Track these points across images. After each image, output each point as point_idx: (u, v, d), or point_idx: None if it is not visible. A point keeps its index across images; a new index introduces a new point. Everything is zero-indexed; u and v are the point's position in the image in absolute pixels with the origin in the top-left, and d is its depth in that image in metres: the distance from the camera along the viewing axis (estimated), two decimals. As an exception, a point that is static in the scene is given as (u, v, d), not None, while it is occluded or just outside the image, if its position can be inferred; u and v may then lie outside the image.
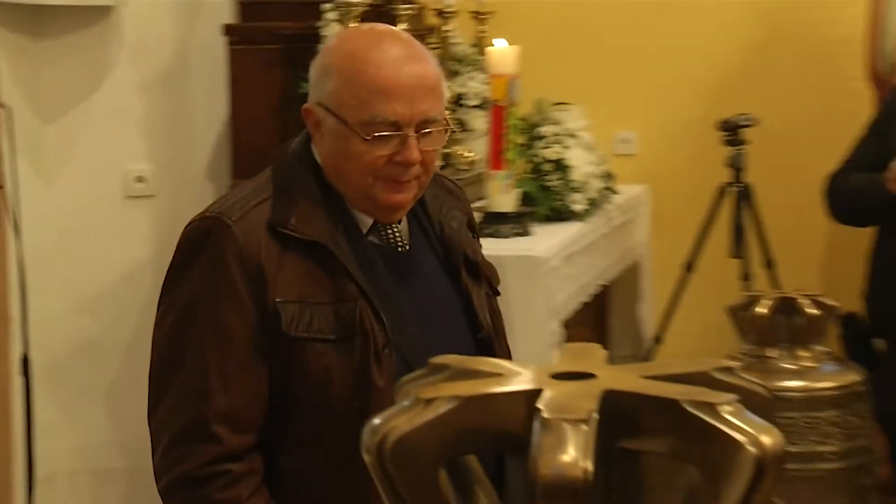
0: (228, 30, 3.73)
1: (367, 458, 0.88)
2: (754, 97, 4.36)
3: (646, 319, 4.59)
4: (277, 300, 1.85)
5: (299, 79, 3.62)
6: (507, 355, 2.08)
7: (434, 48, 4.28)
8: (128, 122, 3.92)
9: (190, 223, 1.95)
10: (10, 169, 3.28)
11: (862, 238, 3.55)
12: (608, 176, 4.11)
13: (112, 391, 3.93)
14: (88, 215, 3.90)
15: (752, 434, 0.84)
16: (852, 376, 2.80)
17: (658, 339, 4.33)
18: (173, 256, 1.95)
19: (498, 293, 2.16)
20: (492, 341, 2.03)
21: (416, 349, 1.86)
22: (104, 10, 3.85)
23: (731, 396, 0.86)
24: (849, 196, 3.35)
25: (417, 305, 1.96)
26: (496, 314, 2.11)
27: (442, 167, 4.16)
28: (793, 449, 2.15)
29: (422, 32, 4.23)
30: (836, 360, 2.83)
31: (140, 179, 3.93)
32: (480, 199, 3.75)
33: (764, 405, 0.92)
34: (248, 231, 1.86)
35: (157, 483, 1.91)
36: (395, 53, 1.87)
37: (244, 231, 1.85)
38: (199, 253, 1.88)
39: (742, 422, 0.85)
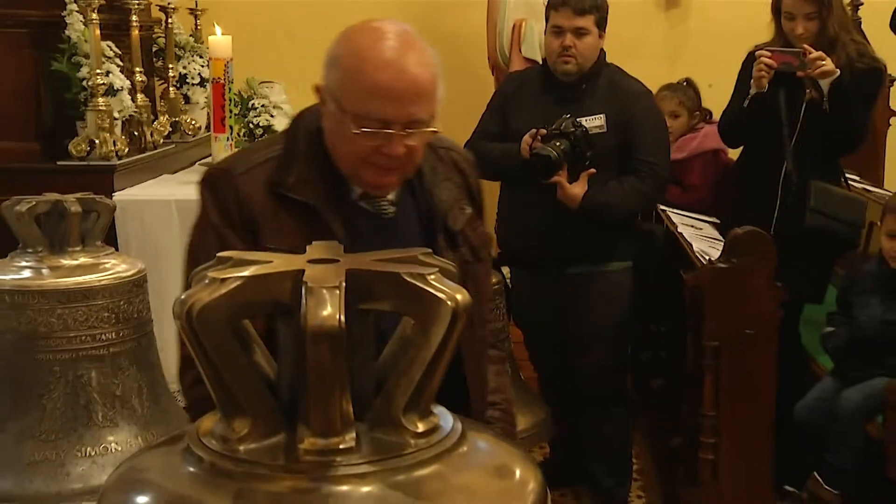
0: (-20, 16, 3.50)
1: (177, 323, 0.93)
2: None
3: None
4: (269, 246, 1.68)
5: (50, 58, 3.46)
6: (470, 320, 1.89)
7: (158, 37, 4.19)
8: None
9: (204, 172, 1.82)
10: None
11: (493, 186, 3.72)
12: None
13: None
14: None
15: (450, 293, 0.96)
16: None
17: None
18: None
19: (481, 259, 1.89)
20: None
21: None
22: None
23: (434, 269, 0.98)
24: (490, 161, 3.26)
25: None
26: (474, 279, 1.82)
27: (170, 133, 4.10)
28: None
29: (150, 24, 4.12)
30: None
31: None
32: (207, 156, 3.73)
33: (453, 277, 1.04)
34: (250, 185, 1.72)
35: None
36: (395, 56, 1.65)
37: (246, 184, 1.72)
38: (208, 200, 1.76)
39: (442, 285, 0.96)
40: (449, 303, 0.95)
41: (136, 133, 3.66)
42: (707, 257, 2.93)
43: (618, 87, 3.28)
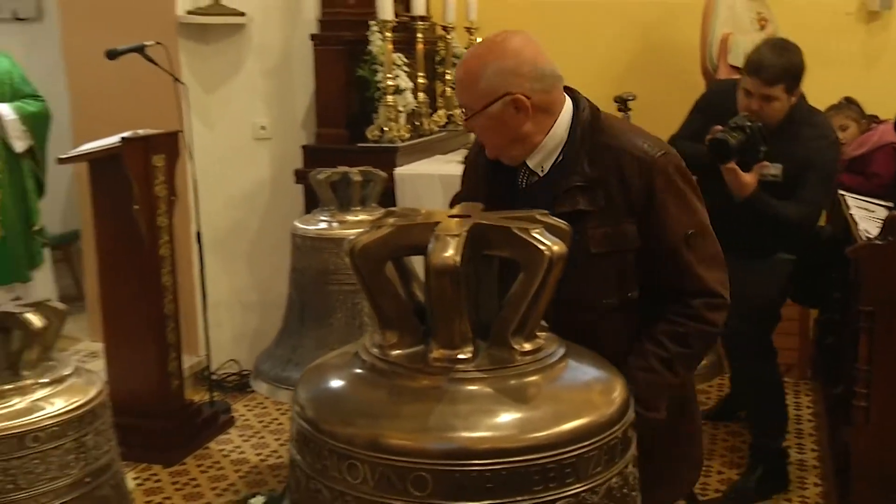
0: (313, 37, 3.75)
1: (346, 259, 0.99)
2: (634, 81, 4.30)
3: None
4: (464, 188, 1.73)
5: (356, 67, 3.68)
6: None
7: (440, 51, 4.31)
8: (255, 92, 3.92)
9: None
10: (186, 121, 3.34)
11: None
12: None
13: (251, 252, 3.99)
14: (232, 149, 3.92)
15: (548, 245, 0.95)
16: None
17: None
18: None
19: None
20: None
21: None
22: (240, 26, 3.87)
23: (538, 225, 0.97)
24: (685, 158, 2.94)
25: None
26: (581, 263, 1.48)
27: (446, 123, 4.22)
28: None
29: (434, 39, 4.25)
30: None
31: (263, 128, 3.95)
32: (469, 142, 3.81)
33: (562, 234, 1.02)
34: (477, 146, 1.70)
35: None
36: (466, 55, 1.57)
37: (476, 146, 1.71)
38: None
39: (543, 238, 0.96)
40: (546, 252, 0.94)
41: (416, 123, 3.80)
42: (868, 235, 2.64)
43: (800, 139, 2.83)
